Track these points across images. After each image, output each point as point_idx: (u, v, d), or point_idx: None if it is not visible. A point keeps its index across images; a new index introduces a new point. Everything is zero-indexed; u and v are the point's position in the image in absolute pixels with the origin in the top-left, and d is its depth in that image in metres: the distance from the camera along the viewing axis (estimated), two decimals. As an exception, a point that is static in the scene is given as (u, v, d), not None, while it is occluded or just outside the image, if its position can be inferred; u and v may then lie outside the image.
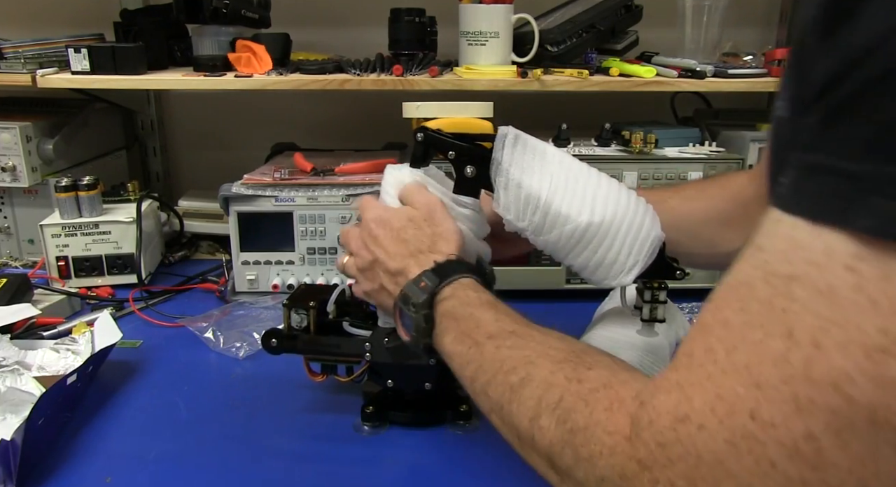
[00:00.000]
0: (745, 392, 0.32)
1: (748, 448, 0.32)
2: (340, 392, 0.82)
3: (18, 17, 1.43)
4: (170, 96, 1.51)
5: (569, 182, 0.66)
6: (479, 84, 1.11)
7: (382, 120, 1.35)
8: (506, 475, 0.69)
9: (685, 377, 0.36)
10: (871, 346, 0.29)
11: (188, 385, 0.85)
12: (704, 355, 0.35)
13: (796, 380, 0.31)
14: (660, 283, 0.70)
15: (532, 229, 0.67)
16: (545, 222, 0.66)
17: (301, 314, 0.75)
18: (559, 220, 0.65)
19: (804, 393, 0.30)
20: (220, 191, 1.08)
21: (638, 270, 0.66)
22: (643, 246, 0.66)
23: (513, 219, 0.67)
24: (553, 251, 0.68)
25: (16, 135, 1.15)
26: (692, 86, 1.13)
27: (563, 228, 0.65)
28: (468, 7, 1.12)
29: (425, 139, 0.69)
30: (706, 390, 0.34)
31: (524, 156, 0.66)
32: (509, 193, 0.66)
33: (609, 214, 0.65)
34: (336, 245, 1.09)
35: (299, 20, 1.34)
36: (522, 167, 0.66)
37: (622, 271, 0.66)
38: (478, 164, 0.68)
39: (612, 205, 0.65)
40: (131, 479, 0.68)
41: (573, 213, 0.65)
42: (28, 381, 0.80)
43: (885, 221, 0.29)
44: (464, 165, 0.68)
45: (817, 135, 0.32)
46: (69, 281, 1.10)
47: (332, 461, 0.71)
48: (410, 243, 0.66)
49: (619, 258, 0.66)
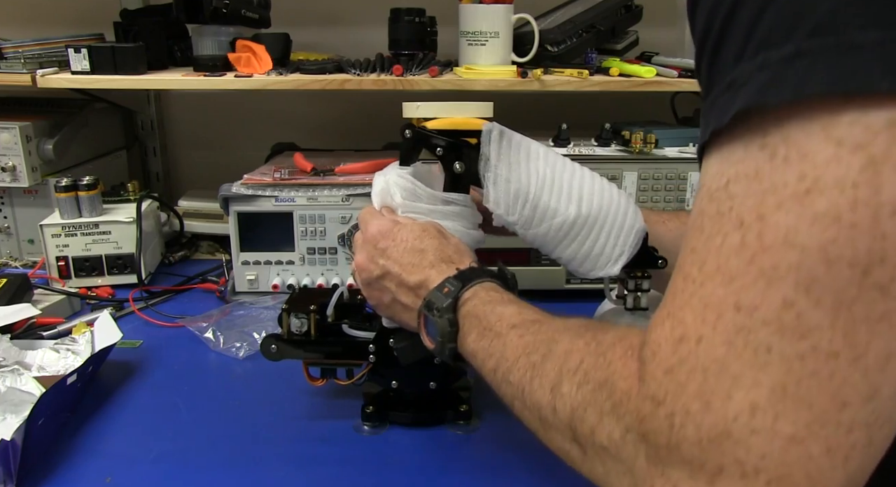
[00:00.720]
0: (723, 290, 0.34)
1: (743, 341, 0.33)
2: (340, 393, 0.82)
3: (18, 17, 1.43)
4: (170, 96, 1.51)
5: (555, 176, 0.68)
6: (479, 84, 1.11)
7: (382, 120, 1.35)
8: (505, 475, 0.69)
9: (673, 305, 0.37)
10: (799, 193, 0.32)
11: (188, 385, 0.85)
12: (683, 282, 0.37)
13: (757, 256, 0.33)
14: (643, 272, 0.70)
15: (522, 223, 0.68)
16: (534, 216, 0.67)
17: (301, 318, 0.75)
18: (548, 214, 0.67)
19: (767, 263, 0.33)
20: (220, 191, 1.08)
21: (624, 260, 0.67)
22: (628, 237, 0.67)
23: (503, 214, 0.68)
24: (542, 244, 0.69)
25: (16, 135, 1.15)
26: (692, 86, 1.13)
27: (552, 221, 0.67)
28: (468, 7, 1.12)
29: (413, 136, 0.70)
30: (692, 307, 0.36)
31: (510, 152, 0.68)
32: (499, 188, 0.67)
33: (595, 207, 0.67)
34: (336, 245, 1.09)
35: (299, 20, 1.34)
36: (510, 162, 0.67)
37: (609, 261, 0.68)
38: (465, 160, 0.69)
39: (598, 198, 0.67)
40: (131, 479, 0.68)
41: (561, 207, 0.66)
42: (28, 381, 0.80)
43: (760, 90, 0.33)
44: (452, 161, 0.69)
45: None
46: (69, 281, 1.10)
47: (333, 461, 0.71)
48: (428, 253, 0.65)
49: (605, 249, 0.67)
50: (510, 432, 0.76)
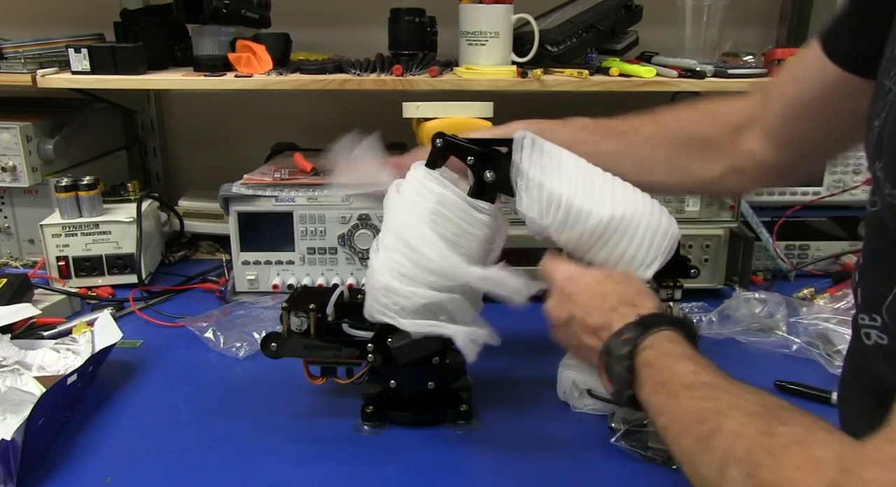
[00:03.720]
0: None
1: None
2: (340, 392, 0.82)
3: (18, 17, 1.43)
4: (170, 96, 1.51)
5: (587, 182, 0.69)
6: (479, 84, 1.11)
7: (382, 120, 1.34)
8: (505, 475, 0.69)
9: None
10: None
11: (188, 385, 0.85)
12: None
13: None
14: (675, 282, 0.71)
15: (555, 226, 0.68)
16: (567, 219, 0.68)
17: (301, 317, 0.75)
18: (581, 217, 0.67)
19: None
20: (220, 191, 1.08)
21: (658, 265, 0.68)
22: (662, 240, 0.68)
23: (535, 217, 0.68)
24: (575, 247, 0.70)
25: (16, 135, 1.15)
26: (692, 86, 1.13)
27: (585, 223, 0.67)
28: (468, 7, 1.12)
29: (444, 145, 0.70)
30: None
31: (542, 159, 0.69)
32: (531, 194, 0.68)
33: (630, 210, 0.68)
34: (336, 245, 1.09)
35: (299, 20, 1.34)
36: (542, 168, 0.68)
37: (642, 265, 0.69)
38: (496, 169, 0.69)
39: (632, 201, 0.68)
40: (131, 479, 0.68)
41: (595, 209, 0.67)
42: (28, 381, 0.80)
43: None
44: (482, 170, 0.70)
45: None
46: (69, 281, 1.10)
47: (333, 461, 0.71)
48: (610, 296, 0.64)
49: (639, 253, 0.68)
50: (510, 432, 0.76)
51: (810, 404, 0.80)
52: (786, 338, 0.94)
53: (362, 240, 1.08)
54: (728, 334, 0.96)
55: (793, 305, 1.00)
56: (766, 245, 1.16)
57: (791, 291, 1.07)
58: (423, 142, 1.03)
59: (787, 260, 1.17)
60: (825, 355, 0.90)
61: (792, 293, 1.06)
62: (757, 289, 1.06)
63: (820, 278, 1.16)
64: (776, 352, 0.93)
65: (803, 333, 0.95)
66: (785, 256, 1.18)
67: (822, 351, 0.91)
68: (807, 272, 1.18)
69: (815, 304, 1.03)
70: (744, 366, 0.89)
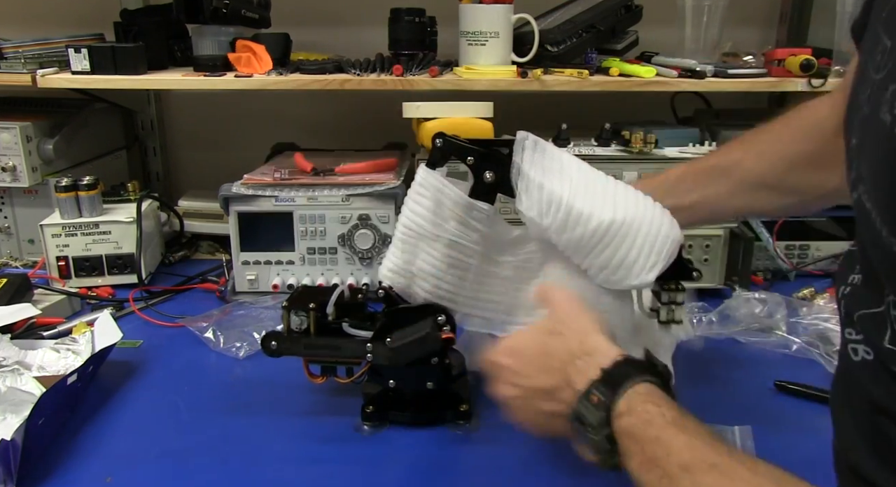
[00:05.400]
0: None
1: None
2: (340, 392, 0.82)
3: (18, 17, 1.43)
4: (170, 96, 1.52)
5: (588, 184, 0.68)
6: (479, 84, 1.11)
7: (382, 120, 1.35)
8: (506, 475, 0.69)
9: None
10: None
11: (188, 385, 0.85)
12: None
13: None
14: (677, 285, 0.70)
15: (555, 227, 0.68)
16: (568, 220, 0.67)
17: (301, 316, 0.75)
18: (582, 218, 0.67)
19: None
20: (220, 191, 1.07)
21: (659, 269, 0.67)
22: (664, 245, 0.67)
23: (535, 217, 0.68)
24: (575, 250, 0.69)
25: (16, 135, 1.15)
26: (692, 86, 1.13)
27: (586, 226, 0.66)
28: (468, 7, 1.12)
29: (444, 145, 0.70)
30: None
31: (543, 160, 0.68)
32: (531, 195, 0.68)
33: (631, 213, 0.67)
34: (336, 245, 1.09)
35: (299, 20, 1.34)
36: (543, 170, 0.68)
37: (643, 270, 0.67)
38: (496, 169, 0.69)
39: (633, 205, 0.68)
40: (131, 479, 0.68)
41: (596, 211, 0.66)
42: (28, 381, 0.80)
43: None
44: (482, 171, 0.69)
45: None
46: (69, 281, 1.10)
47: (333, 460, 0.71)
48: (556, 352, 0.60)
49: (640, 257, 0.67)
50: (510, 432, 0.76)
51: (810, 404, 0.80)
52: (786, 338, 0.95)
53: (362, 240, 1.08)
54: (728, 334, 0.96)
55: (793, 305, 1.00)
56: (766, 245, 1.16)
57: (791, 291, 1.07)
58: (423, 142, 1.03)
59: (787, 260, 1.17)
60: (825, 355, 0.90)
61: (792, 293, 1.06)
62: (757, 289, 1.06)
63: (820, 278, 1.16)
64: (776, 352, 0.93)
65: (803, 333, 0.95)
66: (785, 256, 1.18)
67: (822, 351, 0.91)
68: (807, 272, 1.18)
69: (815, 304, 1.03)
70: (744, 366, 0.89)
